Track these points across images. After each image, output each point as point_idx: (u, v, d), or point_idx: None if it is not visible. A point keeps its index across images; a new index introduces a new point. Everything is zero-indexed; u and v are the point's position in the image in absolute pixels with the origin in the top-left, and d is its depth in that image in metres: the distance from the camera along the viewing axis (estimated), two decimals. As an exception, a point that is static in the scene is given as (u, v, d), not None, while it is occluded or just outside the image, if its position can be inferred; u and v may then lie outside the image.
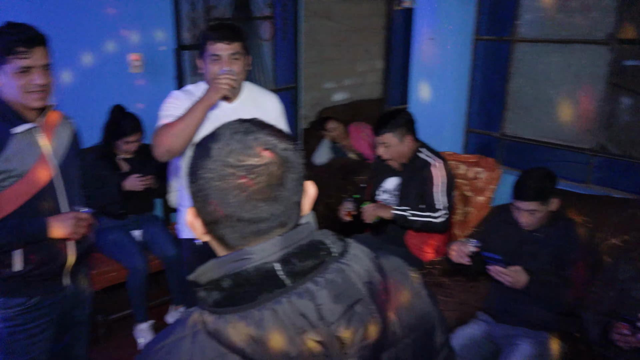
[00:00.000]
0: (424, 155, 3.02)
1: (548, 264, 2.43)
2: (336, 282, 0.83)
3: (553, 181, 2.42)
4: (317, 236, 0.89)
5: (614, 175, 3.16)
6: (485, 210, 3.22)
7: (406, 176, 3.03)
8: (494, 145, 3.71)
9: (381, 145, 2.97)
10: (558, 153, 3.38)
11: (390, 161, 3.02)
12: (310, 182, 0.94)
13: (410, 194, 2.98)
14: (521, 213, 2.41)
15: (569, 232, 2.43)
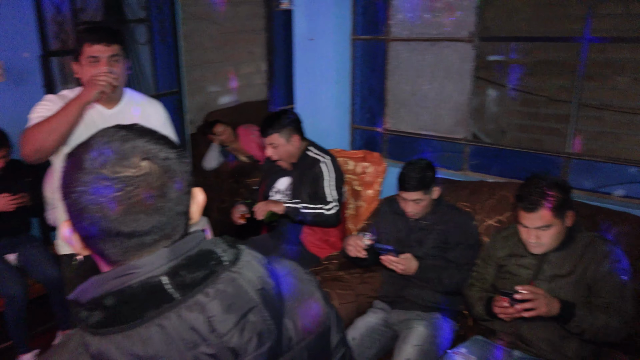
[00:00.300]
0: (312, 153, 3.07)
1: (434, 248, 2.59)
2: (227, 292, 0.82)
3: (433, 171, 2.57)
4: (207, 245, 0.87)
5: (486, 161, 3.42)
6: (374, 203, 3.35)
7: (297, 175, 3.07)
8: (379, 140, 3.87)
9: (269, 146, 2.99)
10: (436, 144, 3.60)
11: (280, 161, 3.06)
12: (199, 189, 0.91)
13: (303, 192, 3.03)
14: (407, 203, 2.54)
15: (450, 217, 2.61)
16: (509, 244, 2.38)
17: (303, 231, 3.09)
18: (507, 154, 3.32)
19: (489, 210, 2.81)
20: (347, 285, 2.71)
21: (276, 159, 3.04)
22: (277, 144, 2.98)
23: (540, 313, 2.01)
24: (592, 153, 3.20)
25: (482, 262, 2.47)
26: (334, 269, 2.89)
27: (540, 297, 2.00)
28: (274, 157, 3.03)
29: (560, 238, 2.16)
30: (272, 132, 2.96)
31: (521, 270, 2.27)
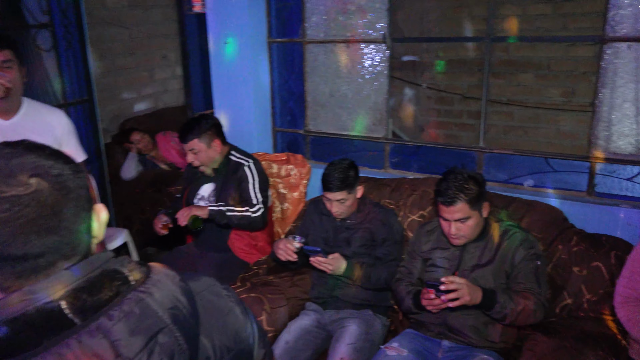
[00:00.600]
0: (235, 157, 3.04)
1: (361, 247, 2.63)
2: (133, 313, 0.78)
3: (355, 170, 2.61)
4: (112, 265, 0.83)
5: (406, 159, 3.51)
6: (301, 205, 3.36)
7: (220, 180, 3.02)
8: (301, 142, 3.88)
9: (190, 152, 2.93)
10: (357, 144, 3.66)
11: (202, 167, 3.00)
12: (100, 205, 0.88)
13: (227, 197, 2.99)
14: (332, 203, 2.57)
15: (375, 215, 2.66)
16: (432, 238, 2.46)
17: (230, 237, 3.05)
18: (426, 151, 3.44)
19: (411, 206, 2.90)
20: (278, 290, 2.70)
21: (198, 165, 2.98)
22: (198, 149, 2.92)
23: (465, 302, 2.09)
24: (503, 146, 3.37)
25: (408, 257, 2.54)
26: (264, 274, 2.87)
27: (463, 286, 2.08)
28: (196, 163, 2.97)
29: (479, 229, 2.26)
30: (192, 138, 2.90)
31: (445, 263, 2.36)
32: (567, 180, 3.01)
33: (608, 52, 2.72)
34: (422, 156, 3.45)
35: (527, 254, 2.22)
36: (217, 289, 0.98)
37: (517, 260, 2.23)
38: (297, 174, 3.41)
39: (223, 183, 3.02)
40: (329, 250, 2.62)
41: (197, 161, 2.95)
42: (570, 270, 2.41)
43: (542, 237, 2.52)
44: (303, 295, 2.77)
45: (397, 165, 3.52)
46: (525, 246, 2.24)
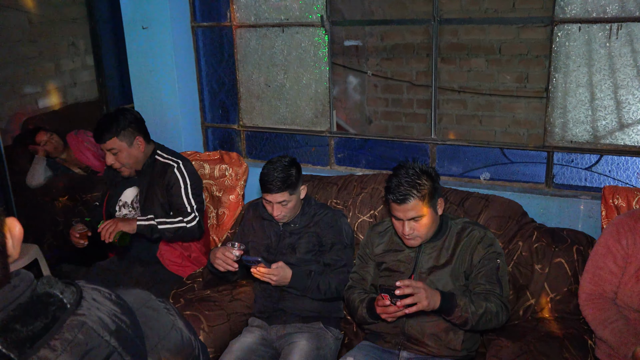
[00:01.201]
0: (162, 158, 3.00)
1: (308, 253, 2.63)
2: (78, 340, 0.79)
3: (297, 168, 2.61)
4: (40, 287, 0.82)
5: (353, 154, 3.55)
6: (238, 209, 3.34)
7: (145, 184, 2.97)
8: (235, 138, 3.85)
9: (109, 152, 2.86)
10: (298, 139, 3.66)
11: (124, 169, 2.93)
12: (12, 218, 0.86)
13: (155, 203, 2.94)
14: (272, 206, 2.56)
15: (321, 217, 2.67)
16: (384, 240, 2.49)
17: (159, 248, 2.99)
18: (374, 144, 3.48)
19: (360, 205, 2.93)
20: (217, 305, 2.67)
21: (119, 167, 2.91)
22: (117, 149, 2.85)
23: (422, 307, 2.12)
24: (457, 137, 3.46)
25: (359, 262, 2.57)
26: (200, 288, 2.83)
27: (420, 290, 2.11)
28: (116, 166, 2.89)
29: (434, 228, 2.31)
30: (110, 137, 2.83)
31: (400, 266, 2.40)
32: (525, 172, 3.13)
33: (559, 34, 2.84)
34: (371, 150, 3.49)
35: (487, 252, 2.29)
36: (154, 304, 1.00)
37: (476, 260, 2.29)
38: (232, 175, 3.38)
39: (149, 187, 2.95)
40: (272, 259, 2.62)
41: (118, 163, 2.88)
42: (532, 268, 2.50)
43: (502, 233, 2.61)
44: (246, 310, 2.75)
45: (344, 162, 3.56)
46: (484, 244, 2.31)
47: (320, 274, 2.59)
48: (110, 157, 2.86)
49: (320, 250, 2.65)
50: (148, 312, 0.97)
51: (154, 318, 0.97)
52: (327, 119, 3.50)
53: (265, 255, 2.67)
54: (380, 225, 2.56)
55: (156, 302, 1.01)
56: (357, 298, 2.44)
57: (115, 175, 3.08)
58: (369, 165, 3.47)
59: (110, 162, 2.86)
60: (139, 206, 2.98)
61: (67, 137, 4.65)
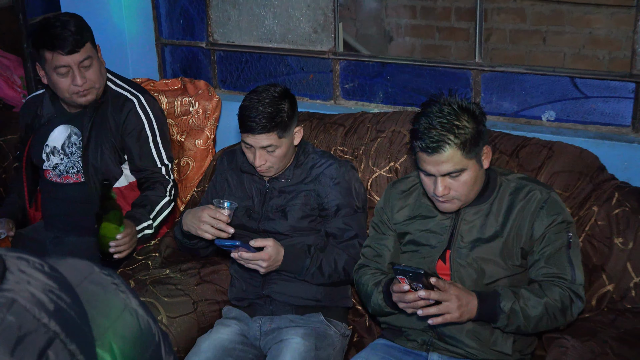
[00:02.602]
0: (114, 85, 3.08)
1: (304, 219, 2.64)
2: (8, 322, 0.81)
3: (292, 102, 2.59)
4: None
5: (367, 83, 3.53)
6: (207, 159, 3.36)
7: (88, 121, 3.01)
8: (203, 61, 3.82)
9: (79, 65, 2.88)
10: (290, 62, 3.63)
11: (90, 91, 2.95)
12: None
13: (104, 149, 3.00)
14: (255, 152, 2.55)
15: (323, 170, 2.67)
16: (409, 202, 2.50)
17: None
18: (395, 71, 3.46)
19: (376, 155, 2.93)
20: (180, 290, 2.70)
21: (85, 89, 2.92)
22: (91, 56, 2.91)
23: (452, 319, 2.15)
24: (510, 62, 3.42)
25: (374, 232, 2.57)
26: (156, 266, 2.86)
27: (450, 297, 2.14)
28: (85, 86, 2.91)
29: (478, 186, 2.31)
30: (84, 43, 2.88)
31: (430, 238, 2.41)
32: (604, 111, 3.11)
33: None
34: (391, 79, 3.47)
35: (553, 222, 2.29)
36: (99, 277, 1.04)
37: (538, 233, 2.29)
38: (199, 111, 3.38)
39: (95, 126, 3.01)
40: (255, 228, 2.62)
41: (88, 81, 2.92)
42: (610, 242, 2.50)
43: (569, 195, 2.61)
44: (219, 297, 2.78)
45: (354, 94, 3.54)
46: (549, 211, 2.31)
47: (322, 250, 2.59)
48: (80, 76, 2.89)
49: (320, 216, 2.66)
50: (92, 288, 0.99)
51: (100, 296, 1.00)
52: (330, 35, 3.47)
53: (246, 220, 2.67)
54: (403, 183, 2.56)
55: (101, 276, 1.04)
56: (371, 280, 2.46)
57: (36, 110, 3.13)
58: (388, 100, 3.46)
59: (81, 83, 2.89)
60: (79, 153, 3.03)
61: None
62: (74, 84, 2.89)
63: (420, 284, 2.12)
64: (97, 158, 3.00)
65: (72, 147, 3.05)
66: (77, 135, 3.05)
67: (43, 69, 2.93)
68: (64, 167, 3.06)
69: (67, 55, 2.85)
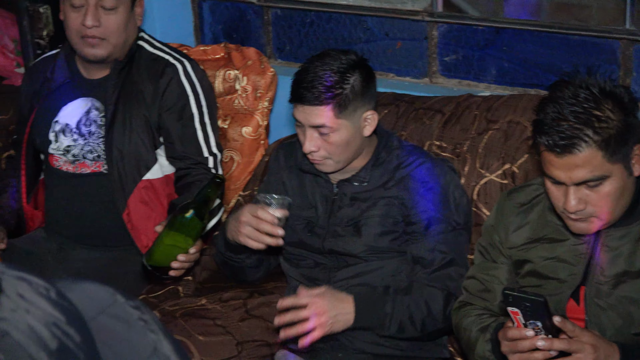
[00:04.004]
0: (152, 47, 3.16)
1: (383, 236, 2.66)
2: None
3: (366, 75, 2.62)
4: None
5: (475, 55, 3.53)
6: (258, 152, 3.40)
7: (116, 92, 3.07)
8: (254, 21, 3.87)
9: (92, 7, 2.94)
10: (371, 24, 3.65)
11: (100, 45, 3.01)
12: None
13: (134, 127, 3.05)
14: (306, 133, 2.60)
15: (411, 172, 2.68)
16: (530, 220, 2.48)
17: (128, 209, 3.08)
18: (514, 39, 3.45)
19: (486, 153, 2.93)
20: (219, 327, 2.75)
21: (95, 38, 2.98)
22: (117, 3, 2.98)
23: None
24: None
25: (482, 259, 2.57)
26: (189, 294, 2.92)
27: (583, 349, 2.08)
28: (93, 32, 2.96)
29: (626, 200, 2.29)
30: None
31: (559, 269, 2.39)
32: None
33: None
34: (507, 50, 3.47)
35: None
36: (122, 310, 1.04)
37: None
38: (248, 89, 3.41)
39: (123, 100, 3.06)
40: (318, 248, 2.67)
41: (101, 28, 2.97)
42: None
43: None
44: (270, 337, 2.80)
45: (456, 70, 3.55)
46: None
47: (406, 292, 2.60)
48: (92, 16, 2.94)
49: (406, 233, 2.67)
50: (111, 324, 1.00)
51: (121, 335, 1.00)
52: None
53: (306, 237, 2.71)
54: (522, 193, 2.55)
55: (125, 308, 1.04)
56: (476, 325, 2.45)
57: (44, 78, 3.18)
58: (503, 79, 3.46)
59: (90, 24, 2.94)
60: (100, 133, 3.08)
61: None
62: (83, 23, 2.93)
63: (539, 322, 2.08)
64: (125, 139, 3.03)
65: (91, 125, 3.10)
66: (98, 110, 3.10)
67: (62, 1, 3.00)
68: (79, 152, 3.08)
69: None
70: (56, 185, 3.15)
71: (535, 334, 2.09)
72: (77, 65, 3.13)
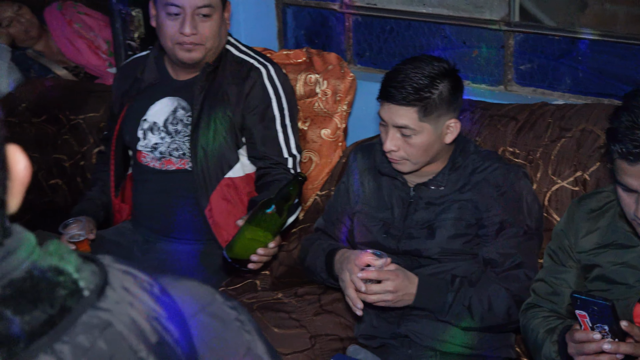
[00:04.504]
0: (237, 51, 3.18)
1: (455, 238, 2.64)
2: (97, 349, 0.82)
3: (455, 84, 2.60)
4: (46, 257, 0.87)
5: (550, 65, 3.49)
6: (335, 154, 3.41)
7: (202, 92, 3.09)
8: (335, 26, 3.87)
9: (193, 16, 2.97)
10: (449, 32, 3.63)
11: (197, 49, 3.04)
12: (14, 148, 0.91)
13: (218, 127, 3.07)
14: (388, 133, 2.58)
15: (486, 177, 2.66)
16: (600, 226, 2.45)
17: (210, 205, 3.11)
18: (589, 49, 3.41)
19: (559, 160, 2.91)
20: (294, 320, 2.76)
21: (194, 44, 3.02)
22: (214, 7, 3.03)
23: None
24: None
25: (551, 262, 2.54)
26: (266, 288, 2.94)
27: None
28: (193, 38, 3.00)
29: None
30: None
31: (627, 275, 2.36)
32: None
33: None
34: (583, 60, 3.42)
35: None
36: (220, 310, 1.04)
37: None
38: (328, 93, 3.41)
39: (209, 101, 3.09)
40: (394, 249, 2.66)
41: (200, 34, 3.01)
42: None
43: None
44: (342, 332, 2.82)
45: (531, 79, 3.52)
46: None
47: (473, 285, 2.60)
48: (190, 25, 2.98)
49: (478, 236, 2.66)
50: (209, 322, 1.00)
51: (217, 334, 1.00)
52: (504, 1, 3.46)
53: (382, 238, 2.70)
54: (593, 199, 2.52)
55: (223, 309, 1.04)
56: (543, 326, 2.43)
57: (134, 77, 3.22)
58: (578, 88, 3.42)
59: (189, 32, 2.98)
60: (186, 132, 3.12)
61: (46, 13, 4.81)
62: (181, 31, 2.96)
63: (605, 326, 2.07)
64: (209, 139, 3.06)
65: (178, 124, 3.13)
66: (184, 110, 3.14)
67: (155, 6, 3.04)
68: (166, 149, 3.13)
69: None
70: (143, 180, 3.20)
71: (602, 337, 2.07)
72: (165, 67, 3.18)
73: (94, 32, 4.73)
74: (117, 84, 3.36)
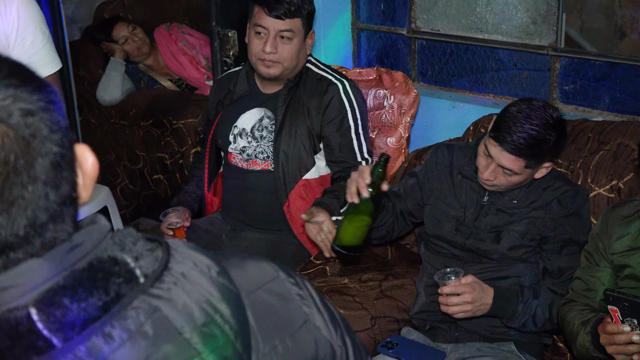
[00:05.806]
0: (317, 68, 3.17)
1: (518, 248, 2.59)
2: (144, 334, 0.82)
3: (561, 135, 2.49)
4: (109, 248, 0.87)
5: (591, 86, 3.43)
6: (398, 159, 3.39)
7: (284, 104, 3.09)
8: (402, 49, 3.85)
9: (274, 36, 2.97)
10: (502, 56, 3.59)
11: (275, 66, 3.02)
12: (82, 147, 0.90)
13: (297, 133, 3.07)
14: (491, 167, 2.48)
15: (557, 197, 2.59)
16: (631, 230, 2.38)
17: (289, 202, 3.12)
18: (627, 73, 3.36)
19: (597, 170, 2.85)
20: (357, 303, 2.75)
21: (271, 61, 3.00)
22: (294, 33, 3.00)
23: None
24: None
25: (587, 262, 2.48)
26: (335, 273, 2.93)
27: None
28: (271, 57, 2.98)
29: None
30: (296, 14, 2.98)
31: (657, 275, 2.30)
32: None
33: None
34: (621, 83, 3.37)
35: None
36: (281, 286, 1.02)
37: None
38: (394, 106, 3.41)
39: (290, 112, 3.09)
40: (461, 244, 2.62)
41: (277, 55, 3.00)
42: None
43: None
44: (399, 315, 2.81)
45: (574, 98, 3.47)
46: None
47: (537, 296, 2.53)
48: (271, 44, 2.98)
49: (540, 248, 2.61)
50: (266, 298, 0.98)
51: (275, 308, 0.98)
52: (552, 27, 3.41)
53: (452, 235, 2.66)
54: (625, 207, 2.44)
55: (285, 284, 1.02)
56: (578, 318, 2.37)
57: (227, 91, 3.24)
58: (615, 107, 3.37)
59: (269, 51, 2.98)
60: (270, 137, 3.13)
61: (155, 33, 4.87)
62: (263, 49, 2.98)
63: (635, 320, 2.03)
64: (290, 144, 3.07)
65: (263, 130, 3.14)
66: (269, 118, 3.14)
67: (248, 24, 3.06)
68: (252, 152, 3.14)
69: (270, 17, 2.95)
70: (232, 178, 3.23)
71: (631, 330, 2.04)
72: (255, 81, 3.19)
73: (195, 49, 4.78)
74: (213, 94, 3.37)
